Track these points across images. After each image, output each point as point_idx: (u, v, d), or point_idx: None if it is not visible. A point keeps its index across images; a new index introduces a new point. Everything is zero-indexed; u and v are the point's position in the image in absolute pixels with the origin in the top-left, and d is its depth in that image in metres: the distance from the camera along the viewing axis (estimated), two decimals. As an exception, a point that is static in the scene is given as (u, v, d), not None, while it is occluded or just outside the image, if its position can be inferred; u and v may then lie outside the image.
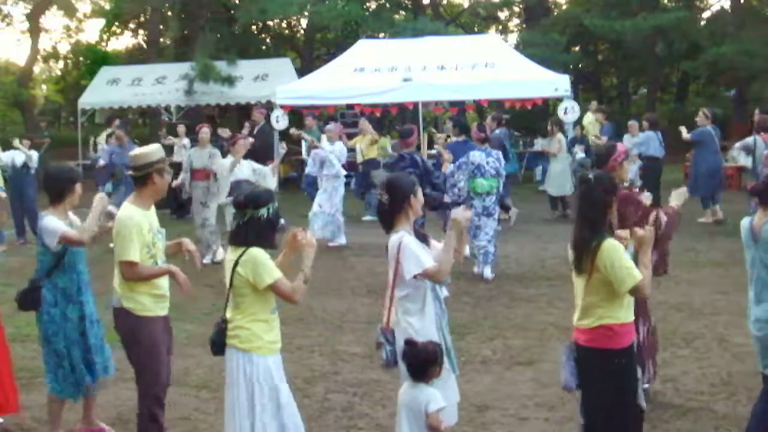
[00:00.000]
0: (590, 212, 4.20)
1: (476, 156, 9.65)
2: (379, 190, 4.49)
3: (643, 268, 4.11)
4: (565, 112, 16.13)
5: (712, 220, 13.11)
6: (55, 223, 5.02)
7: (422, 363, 4.14)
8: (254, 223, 4.21)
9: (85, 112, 21.55)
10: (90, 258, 5.53)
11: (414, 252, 4.28)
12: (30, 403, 5.71)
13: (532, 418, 5.50)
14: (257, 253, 4.18)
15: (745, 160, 12.72)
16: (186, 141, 16.29)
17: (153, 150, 4.84)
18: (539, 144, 19.23)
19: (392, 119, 22.80)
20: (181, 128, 16.80)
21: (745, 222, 4.76)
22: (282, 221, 4.75)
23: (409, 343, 4.21)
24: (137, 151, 4.88)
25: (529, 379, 6.21)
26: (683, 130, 13.53)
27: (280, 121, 16.40)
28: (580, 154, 15.54)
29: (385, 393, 6.03)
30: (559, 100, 17.09)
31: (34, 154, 12.70)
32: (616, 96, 31.38)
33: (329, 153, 11.93)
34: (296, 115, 17.85)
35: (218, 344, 4.30)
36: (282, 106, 17.12)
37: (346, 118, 19.87)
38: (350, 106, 19.65)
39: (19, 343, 7.03)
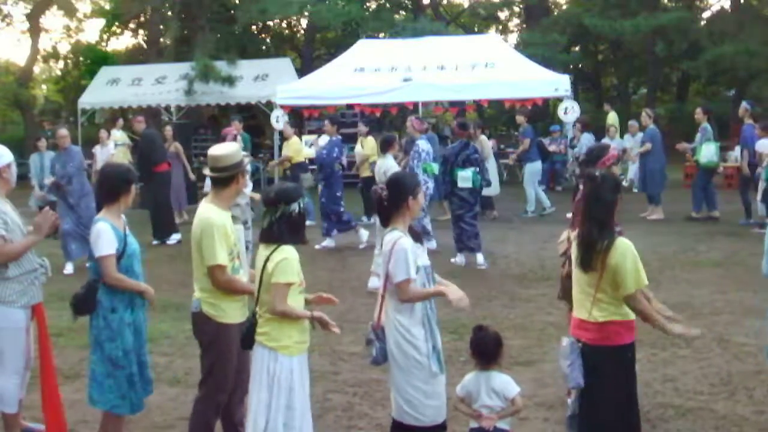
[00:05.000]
0: (597, 211, 4.21)
1: (423, 144, 11.29)
2: (382, 185, 4.50)
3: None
4: (565, 112, 16.15)
5: (654, 218, 13.39)
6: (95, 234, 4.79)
7: (493, 346, 4.23)
8: (286, 218, 4.22)
9: (85, 112, 21.55)
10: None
11: (406, 258, 4.28)
12: (30, 403, 5.70)
13: (532, 418, 5.50)
14: (289, 251, 4.19)
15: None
16: (111, 145, 16.22)
17: (235, 150, 4.73)
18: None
19: (392, 119, 22.81)
20: (103, 133, 16.30)
21: None
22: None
23: (480, 328, 4.31)
24: (220, 151, 4.67)
25: (529, 379, 6.20)
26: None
27: (280, 121, 16.40)
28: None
29: (385, 393, 6.02)
30: (559, 100, 17.12)
31: None
32: (616, 96, 31.37)
33: None
34: (297, 114, 17.86)
35: (248, 339, 4.31)
36: (282, 106, 17.14)
37: (346, 118, 19.87)
38: (350, 106, 19.65)
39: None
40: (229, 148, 4.74)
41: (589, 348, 4.24)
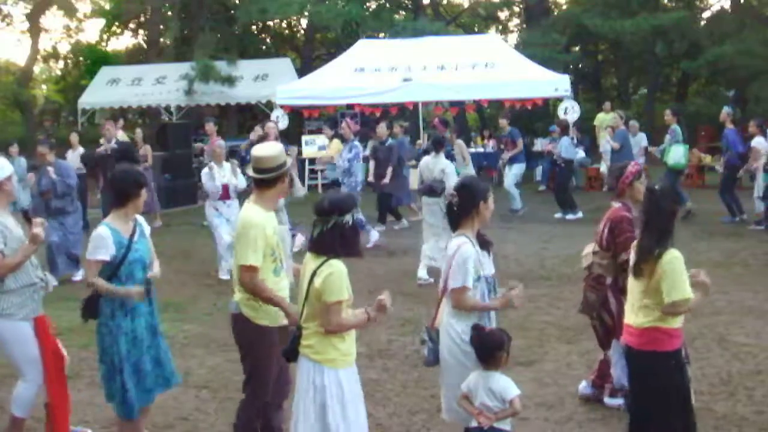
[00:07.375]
0: (659, 222, 4.34)
1: (359, 147, 12.43)
2: (452, 191, 4.47)
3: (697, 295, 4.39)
4: (565, 112, 16.15)
5: None
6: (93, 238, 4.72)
7: (489, 348, 4.20)
8: (339, 229, 4.03)
9: (85, 112, 21.56)
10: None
11: (465, 266, 4.27)
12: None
13: (532, 418, 5.50)
14: (337, 266, 4.00)
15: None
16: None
17: (279, 151, 4.60)
18: (539, 144, 19.25)
19: (392, 119, 22.81)
20: (74, 137, 14.92)
21: None
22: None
23: (477, 328, 4.25)
24: (263, 153, 4.57)
25: (529, 379, 6.20)
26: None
27: (280, 121, 16.40)
28: (581, 153, 15.57)
29: (385, 393, 6.03)
30: (559, 100, 17.12)
31: None
32: (616, 96, 31.35)
33: None
34: (296, 115, 17.86)
35: (292, 351, 4.13)
36: (282, 106, 17.14)
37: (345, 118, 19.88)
38: (350, 106, 19.66)
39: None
40: (273, 149, 4.61)
41: (635, 352, 4.37)
